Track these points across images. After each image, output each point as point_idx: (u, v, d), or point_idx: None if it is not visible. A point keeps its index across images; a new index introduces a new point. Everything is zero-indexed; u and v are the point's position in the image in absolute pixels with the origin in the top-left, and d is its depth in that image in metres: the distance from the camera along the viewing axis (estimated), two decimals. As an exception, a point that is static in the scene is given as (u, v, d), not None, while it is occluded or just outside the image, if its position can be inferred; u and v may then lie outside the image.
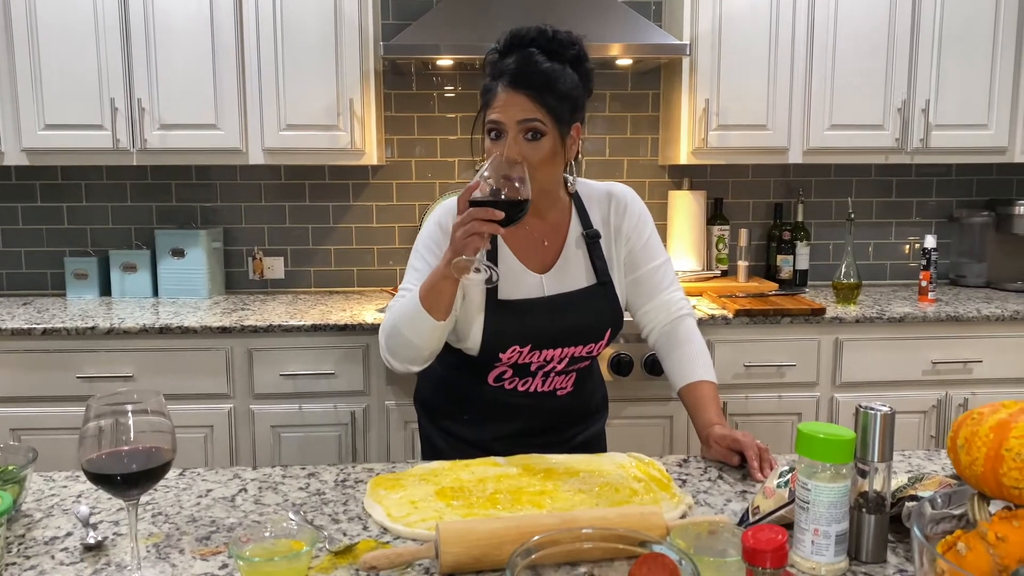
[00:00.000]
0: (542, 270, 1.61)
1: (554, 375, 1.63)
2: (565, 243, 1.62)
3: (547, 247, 1.62)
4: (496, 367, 1.60)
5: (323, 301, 3.09)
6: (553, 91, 1.47)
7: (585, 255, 1.63)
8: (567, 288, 1.60)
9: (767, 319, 2.75)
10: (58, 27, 2.79)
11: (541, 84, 1.46)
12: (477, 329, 1.55)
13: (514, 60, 1.47)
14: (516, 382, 1.62)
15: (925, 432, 2.85)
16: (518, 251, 1.60)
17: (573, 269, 1.62)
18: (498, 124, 1.47)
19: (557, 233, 1.63)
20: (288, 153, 2.91)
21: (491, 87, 1.50)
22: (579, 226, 1.64)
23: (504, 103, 1.46)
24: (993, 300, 3.03)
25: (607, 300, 1.62)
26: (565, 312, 1.58)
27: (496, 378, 1.62)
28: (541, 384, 1.63)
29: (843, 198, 3.42)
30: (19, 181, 3.23)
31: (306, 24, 2.84)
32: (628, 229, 1.66)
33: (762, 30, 2.94)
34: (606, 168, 3.33)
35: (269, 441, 2.71)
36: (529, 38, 1.49)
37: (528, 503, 1.24)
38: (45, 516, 1.23)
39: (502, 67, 1.48)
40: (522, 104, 1.46)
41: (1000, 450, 0.82)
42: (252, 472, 1.40)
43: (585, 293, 1.61)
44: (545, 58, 1.47)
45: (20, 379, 2.65)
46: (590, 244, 1.63)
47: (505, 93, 1.47)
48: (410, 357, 1.53)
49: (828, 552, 1.03)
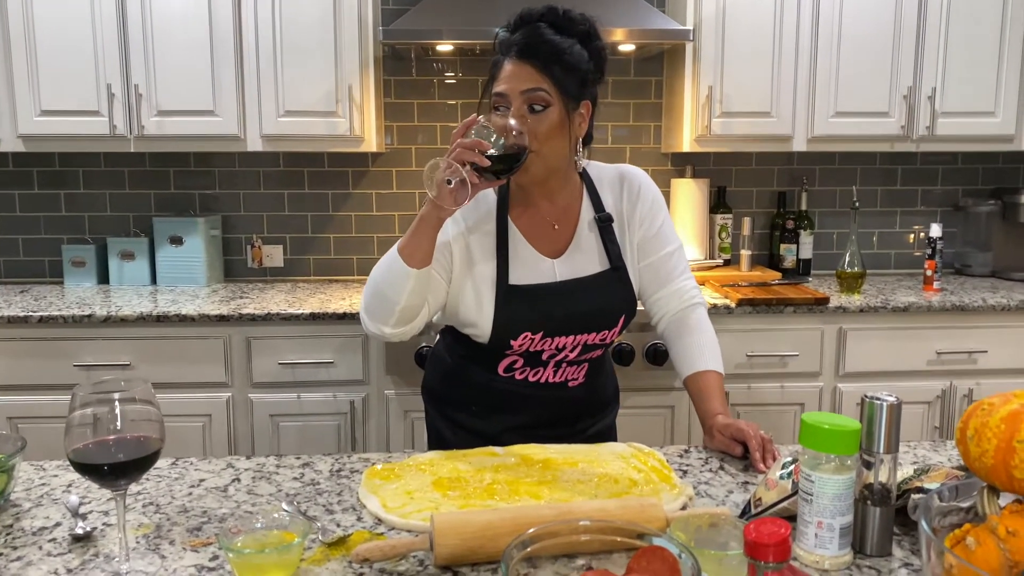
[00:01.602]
0: (554, 254, 1.57)
1: (566, 365, 1.59)
2: (577, 227, 1.59)
3: (558, 231, 1.58)
4: (507, 356, 1.56)
5: (322, 289, 3.07)
6: (559, 62, 1.44)
7: (598, 239, 1.59)
8: (580, 273, 1.56)
9: (770, 308, 2.73)
10: (54, 12, 2.76)
11: (547, 55, 1.44)
12: (487, 314, 1.51)
13: (521, 34, 1.46)
14: (527, 372, 1.58)
15: (929, 423, 2.82)
16: (529, 235, 1.57)
17: (586, 254, 1.58)
18: (503, 96, 1.45)
19: (568, 216, 1.59)
20: (287, 140, 2.88)
21: (498, 61, 1.49)
22: (591, 209, 1.60)
23: (509, 74, 1.45)
24: (999, 290, 3.00)
25: (621, 285, 1.58)
26: (578, 298, 1.54)
27: (507, 368, 1.58)
28: (553, 375, 1.59)
29: (847, 186, 3.38)
30: (16, 168, 3.21)
31: (304, 9, 2.80)
32: (642, 214, 1.62)
33: (766, 16, 2.91)
34: (609, 156, 3.30)
35: (268, 430, 2.69)
36: (538, 14, 1.48)
37: (526, 494, 1.22)
38: (34, 506, 1.21)
39: (509, 42, 1.47)
40: (527, 74, 1.43)
41: (1012, 442, 0.80)
42: (246, 462, 1.38)
43: (599, 278, 1.57)
44: (553, 31, 1.46)
45: (17, 367, 2.64)
46: (602, 228, 1.59)
47: (511, 64, 1.45)
48: (383, 314, 1.46)
49: (832, 545, 1.01)
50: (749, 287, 2.90)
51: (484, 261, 1.53)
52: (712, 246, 3.29)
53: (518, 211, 1.57)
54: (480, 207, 1.56)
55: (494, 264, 1.53)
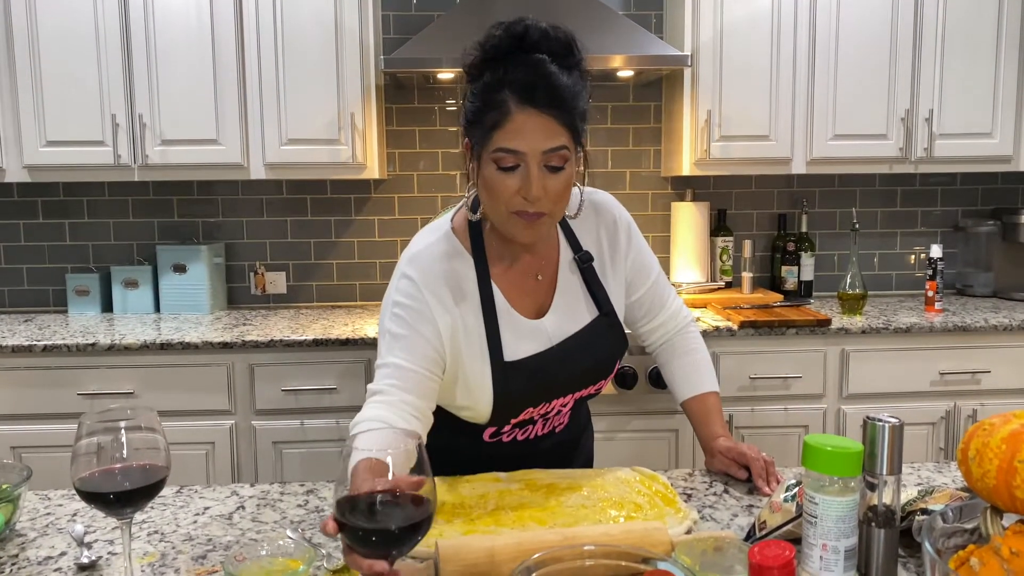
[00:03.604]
0: (539, 312, 1.41)
1: (553, 416, 1.48)
2: (558, 272, 1.44)
3: (541, 282, 1.42)
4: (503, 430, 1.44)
5: (325, 316, 3.08)
6: (575, 111, 1.24)
7: (581, 283, 1.45)
8: (572, 328, 1.42)
9: (772, 330, 2.73)
10: (59, 43, 2.79)
11: (564, 101, 1.23)
12: (485, 398, 1.35)
13: (524, 71, 1.22)
14: (516, 433, 1.46)
15: (934, 444, 2.81)
16: (511, 296, 1.39)
17: (573, 304, 1.43)
18: (516, 153, 1.22)
19: (548, 263, 1.44)
20: (290, 168, 2.90)
21: (494, 103, 1.23)
22: (569, 250, 1.45)
23: (523, 126, 1.21)
24: (1000, 309, 3.00)
25: (612, 331, 1.46)
26: (575, 357, 1.40)
27: (493, 434, 1.44)
28: (541, 429, 1.48)
29: (847, 208, 3.40)
30: (21, 198, 3.23)
31: (307, 38, 2.84)
32: (624, 246, 1.49)
33: (763, 40, 2.94)
34: (608, 180, 3.32)
35: (271, 457, 2.69)
36: (531, 41, 1.24)
37: (530, 519, 1.22)
38: (39, 535, 1.21)
39: (504, 78, 1.23)
40: (546, 127, 1.22)
41: (1013, 462, 0.80)
42: (250, 489, 1.38)
43: (591, 329, 1.43)
44: (558, 68, 1.24)
45: (21, 396, 2.64)
46: (584, 269, 1.45)
47: (522, 113, 1.21)
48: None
49: (837, 568, 1.01)
50: (751, 309, 2.90)
51: (474, 339, 1.35)
52: (713, 269, 3.30)
53: (498, 270, 1.40)
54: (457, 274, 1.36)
55: (484, 342, 1.35)
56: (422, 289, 1.33)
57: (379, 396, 1.28)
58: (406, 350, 1.30)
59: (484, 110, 1.25)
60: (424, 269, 1.34)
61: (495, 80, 1.24)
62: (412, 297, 1.33)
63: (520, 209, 1.26)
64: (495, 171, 1.25)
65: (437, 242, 1.38)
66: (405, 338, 1.31)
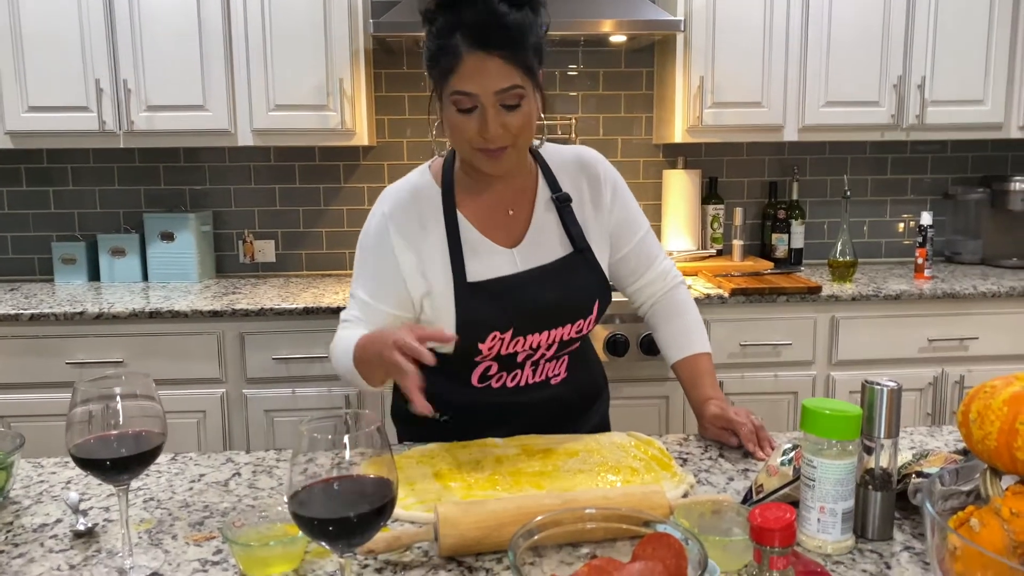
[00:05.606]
0: (511, 243, 1.43)
1: (544, 362, 1.47)
2: (533, 210, 1.46)
3: (513, 216, 1.44)
4: (479, 363, 1.43)
5: (315, 284, 3.06)
6: (526, 46, 1.26)
7: (558, 221, 1.46)
8: (543, 261, 1.43)
9: (763, 298, 2.74)
10: (41, 7, 2.73)
11: (513, 41, 1.25)
12: (449, 320, 1.38)
13: (473, 12, 1.24)
14: (504, 377, 1.45)
15: (922, 409, 2.84)
16: (482, 225, 1.42)
17: (547, 239, 1.45)
18: (470, 95, 1.26)
19: (523, 199, 1.46)
20: (277, 134, 2.87)
21: (448, 48, 1.25)
22: (547, 189, 1.47)
23: (474, 70, 1.24)
24: (989, 277, 3.02)
25: (589, 269, 1.46)
26: (545, 287, 1.41)
27: (482, 377, 1.45)
28: (532, 375, 1.47)
29: (838, 176, 3.40)
30: (4, 165, 3.18)
31: (294, 2, 2.79)
32: (608, 201, 1.51)
33: (757, 6, 2.91)
34: (600, 147, 3.21)
35: (263, 426, 2.69)
36: None
37: (527, 484, 1.22)
38: (34, 503, 1.20)
39: (455, 21, 1.25)
40: (497, 69, 1.24)
41: (1015, 423, 0.80)
42: (246, 456, 1.38)
43: (564, 264, 1.44)
44: (508, 6, 1.24)
45: (9, 365, 2.62)
46: (561, 208, 1.46)
47: (474, 58, 1.24)
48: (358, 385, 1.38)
49: (834, 530, 1.01)
50: (742, 277, 2.90)
51: (437, 264, 1.40)
52: (704, 236, 3.30)
53: (467, 199, 1.43)
54: (423, 205, 1.42)
55: (448, 264, 1.39)
56: (388, 224, 1.41)
57: (349, 324, 1.43)
58: (368, 288, 1.43)
59: (439, 55, 1.28)
60: (392, 201, 1.43)
61: (447, 24, 1.27)
62: (377, 235, 1.42)
63: (482, 147, 1.32)
64: (455, 113, 1.30)
65: (409, 177, 1.48)
66: (369, 276, 1.43)
